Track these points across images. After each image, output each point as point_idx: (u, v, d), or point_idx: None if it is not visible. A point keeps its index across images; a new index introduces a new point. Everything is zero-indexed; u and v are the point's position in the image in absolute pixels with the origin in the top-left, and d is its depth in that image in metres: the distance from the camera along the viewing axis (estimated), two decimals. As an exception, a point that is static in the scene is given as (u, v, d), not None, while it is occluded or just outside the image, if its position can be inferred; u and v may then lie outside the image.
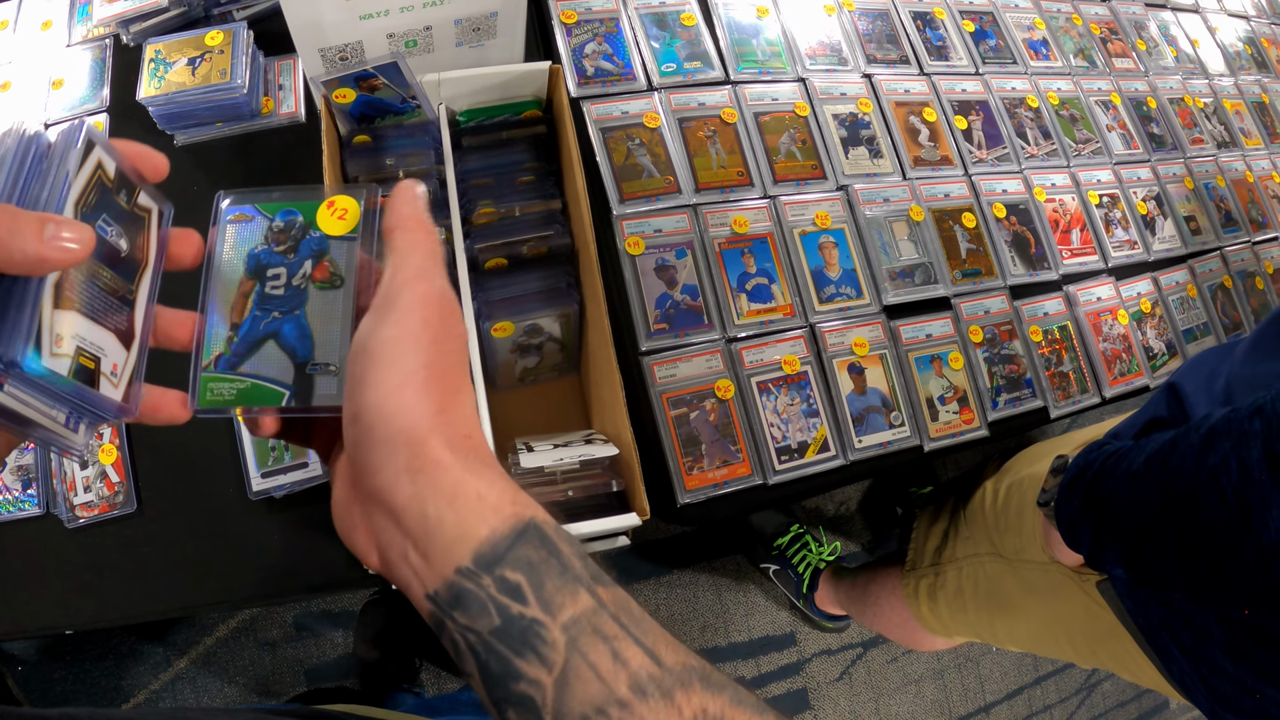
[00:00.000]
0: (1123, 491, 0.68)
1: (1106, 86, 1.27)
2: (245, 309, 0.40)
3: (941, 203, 1.08)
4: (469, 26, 0.93)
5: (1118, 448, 0.73)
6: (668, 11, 1.08)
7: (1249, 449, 0.57)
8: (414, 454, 0.33)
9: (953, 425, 0.98)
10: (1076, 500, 0.73)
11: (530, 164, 0.83)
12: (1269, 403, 0.58)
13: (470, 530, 0.33)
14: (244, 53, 0.94)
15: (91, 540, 0.85)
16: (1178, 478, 0.62)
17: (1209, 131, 1.30)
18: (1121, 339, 1.10)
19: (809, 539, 1.58)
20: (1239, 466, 0.57)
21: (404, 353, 0.35)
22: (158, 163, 0.39)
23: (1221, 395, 0.77)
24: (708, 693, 0.32)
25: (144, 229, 0.39)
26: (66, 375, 0.33)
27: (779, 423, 0.92)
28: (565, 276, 0.80)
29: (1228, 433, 0.60)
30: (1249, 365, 0.76)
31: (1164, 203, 1.21)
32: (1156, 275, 1.16)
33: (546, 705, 0.32)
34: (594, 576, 0.34)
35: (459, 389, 0.36)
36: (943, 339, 1.01)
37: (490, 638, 0.32)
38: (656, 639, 0.34)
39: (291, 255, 0.41)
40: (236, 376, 0.39)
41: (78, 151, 0.34)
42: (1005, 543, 0.96)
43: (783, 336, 0.95)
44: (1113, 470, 0.71)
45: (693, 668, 0.33)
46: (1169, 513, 0.63)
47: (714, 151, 1.01)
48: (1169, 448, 0.65)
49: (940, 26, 1.21)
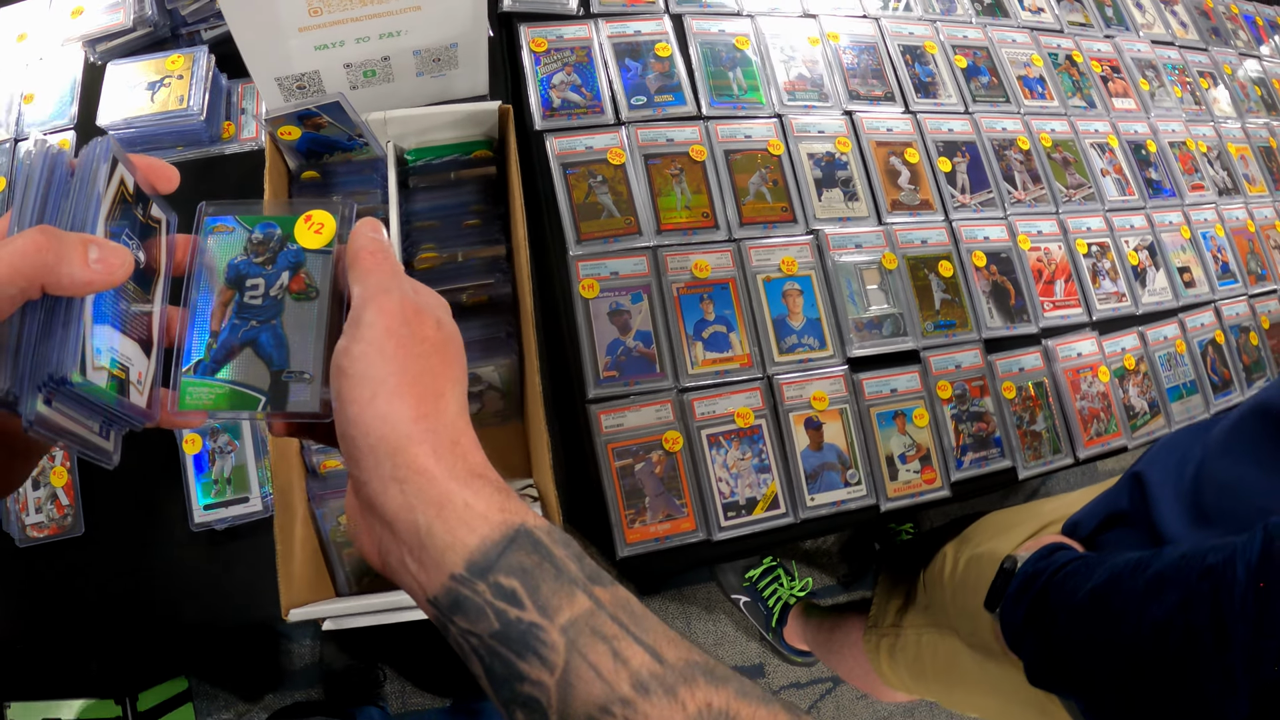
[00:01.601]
0: (1065, 621, 0.65)
1: (1104, 128, 1.22)
2: (225, 317, 0.42)
3: (918, 250, 1.04)
4: (429, 57, 0.91)
5: (1068, 560, 0.70)
6: (642, 41, 1.05)
7: (1196, 612, 0.54)
8: (397, 463, 0.35)
9: (913, 485, 0.95)
10: (1021, 612, 0.70)
11: (478, 206, 0.81)
12: (1220, 564, 0.54)
13: (460, 539, 0.34)
14: (203, 79, 0.93)
15: (39, 560, 0.85)
16: (1120, 622, 0.59)
17: (1211, 177, 1.25)
18: (1101, 397, 1.06)
19: (781, 572, 1.55)
20: (1184, 631, 0.54)
21: (372, 364, 0.36)
22: (170, 174, 0.41)
23: (1189, 490, 0.73)
24: (712, 687, 0.33)
25: (156, 239, 0.41)
26: (105, 387, 0.36)
27: (728, 477, 0.89)
28: (505, 326, 0.78)
29: (1175, 583, 0.57)
30: (1222, 463, 0.71)
31: (1157, 252, 1.17)
32: (1144, 330, 1.12)
33: (552, 705, 0.33)
34: (591, 577, 0.35)
35: (441, 393, 0.37)
36: (908, 394, 0.98)
37: (491, 641, 0.33)
38: (658, 636, 0.34)
39: (269, 266, 0.43)
40: (215, 382, 0.41)
41: (105, 170, 0.36)
42: (961, 623, 0.93)
43: (738, 388, 0.92)
44: (1060, 587, 0.68)
45: (696, 663, 0.34)
46: (1112, 657, 0.61)
47: (679, 191, 0.98)
48: (1113, 584, 0.62)
49: (930, 62, 1.17)
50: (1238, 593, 0.53)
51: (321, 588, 0.84)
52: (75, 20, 0.99)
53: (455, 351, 0.40)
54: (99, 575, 0.85)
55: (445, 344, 0.39)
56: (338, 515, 0.83)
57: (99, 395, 0.35)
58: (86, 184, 0.36)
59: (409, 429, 0.35)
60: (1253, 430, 0.69)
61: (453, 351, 0.39)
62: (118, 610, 0.85)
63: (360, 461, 0.35)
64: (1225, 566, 0.54)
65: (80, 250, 0.32)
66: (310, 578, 0.80)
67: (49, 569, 0.85)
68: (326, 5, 0.81)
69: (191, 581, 0.87)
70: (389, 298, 0.38)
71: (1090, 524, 0.83)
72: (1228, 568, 0.54)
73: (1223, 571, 0.54)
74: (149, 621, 0.85)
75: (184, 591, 0.86)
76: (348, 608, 0.75)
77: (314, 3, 0.80)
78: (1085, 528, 0.84)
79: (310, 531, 0.81)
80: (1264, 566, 0.52)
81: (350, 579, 0.86)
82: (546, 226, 0.94)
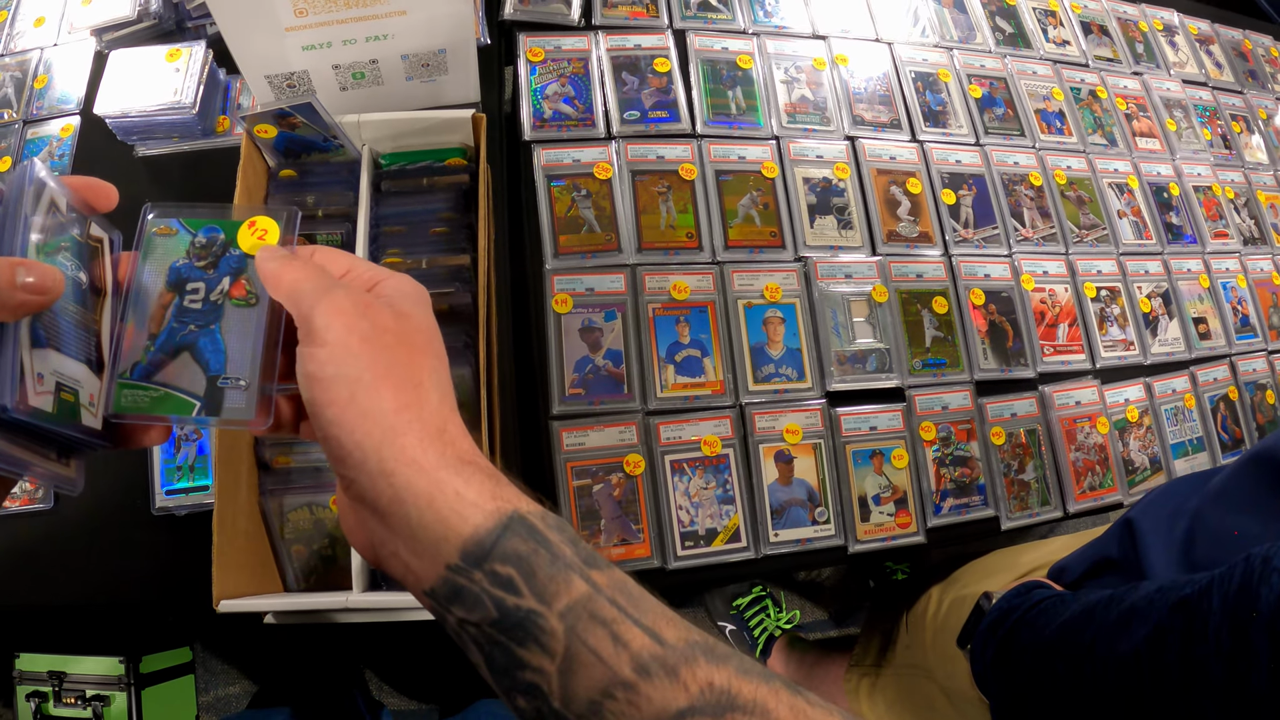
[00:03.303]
0: (1032, 659, 0.62)
1: (1125, 167, 1.17)
2: (164, 320, 0.42)
3: (912, 284, 1.01)
4: (417, 62, 0.91)
5: (1044, 597, 0.67)
6: (641, 55, 1.04)
7: (1166, 647, 0.51)
8: (384, 456, 0.34)
9: (885, 528, 0.91)
10: (991, 650, 0.67)
11: (447, 214, 0.80)
12: (1194, 595, 0.51)
13: (454, 528, 0.34)
14: (198, 73, 0.94)
15: (8, 528, 0.87)
16: (1088, 658, 0.56)
17: (1236, 225, 1.19)
18: (1098, 449, 1.01)
19: (769, 603, 1.52)
20: (1152, 668, 0.51)
21: (343, 364, 0.35)
22: (108, 193, 0.41)
23: (1181, 541, 0.69)
24: (713, 665, 0.33)
25: (99, 258, 0.41)
26: (52, 411, 0.35)
27: (688, 506, 0.87)
28: (463, 336, 0.77)
29: (1146, 616, 0.53)
30: (1217, 511, 0.68)
31: (1172, 300, 1.11)
32: (1150, 381, 1.06)
33: (553, 692, 0.33)
34: (587, 561, 0.34)
35: (419, 382, 0.37)
36: (889, 433, 0.94)
37: (490, 630, 0.33)
38: (657, 617, 0.34)
39: (211, 271, 0.42)
40: (151, 385, 0.40)
41: (30, 193, 0.36)
42: (938, 667, 0.89)
43: (707, 415, 0.89)
44: (1031, 625, 0.64)
45: (696, 643, 0.34)
46: (1078, 696, 0.57)
47: (665, 209, 0.96)
48: (1084, 618, 0.59)
49: (942, 90, 1.14)
50: (1212, 624, 0.49)
51: (268, 581, 0.83)
52: (85, 9, 1.01)
53: (424, 340, 0.39)
54: (60, 546, 0.86)
55: (410, 333, 0.38)
56: (288, 512, 0.83)
57: (47, 420, 0.35)
58: (14, 209, 0.36)
59: (392, 421, 0.35)
60: (1251, 478, 0.66)
61: (420, 340, 0.39)
62: (72, 582, 0.86)
63: (346, 460, 0.35)
64: (1200, 598, 0.51)
65: (8, 273, 0.32)
66: (254, 570, 0.80)
67: (14, 538, 0.86)
68: (312, 6, 0.81)
69: (145, 563, 0.88)
70: (334, 297, 0.37)
71: (1078, 569, 0.79)
72: (1202, 599, 0.50)
73: (1197, 603, 0.50)
74: (97, 595, 0.86)
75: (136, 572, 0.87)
76: (286, 604, 0.74)
77: (299, 4, 0.80)
78: (1072, 573, 0.80)
79: (258, 525, 0.81)
80: (1242, 599, 0.48)
81: (299, 576, 0.85)
82: (525, 238, 0.93)
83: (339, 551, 0.83)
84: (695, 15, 1.09)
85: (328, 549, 0.85)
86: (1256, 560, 0.48)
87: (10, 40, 1.08)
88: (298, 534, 0.84)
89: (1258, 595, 0.46)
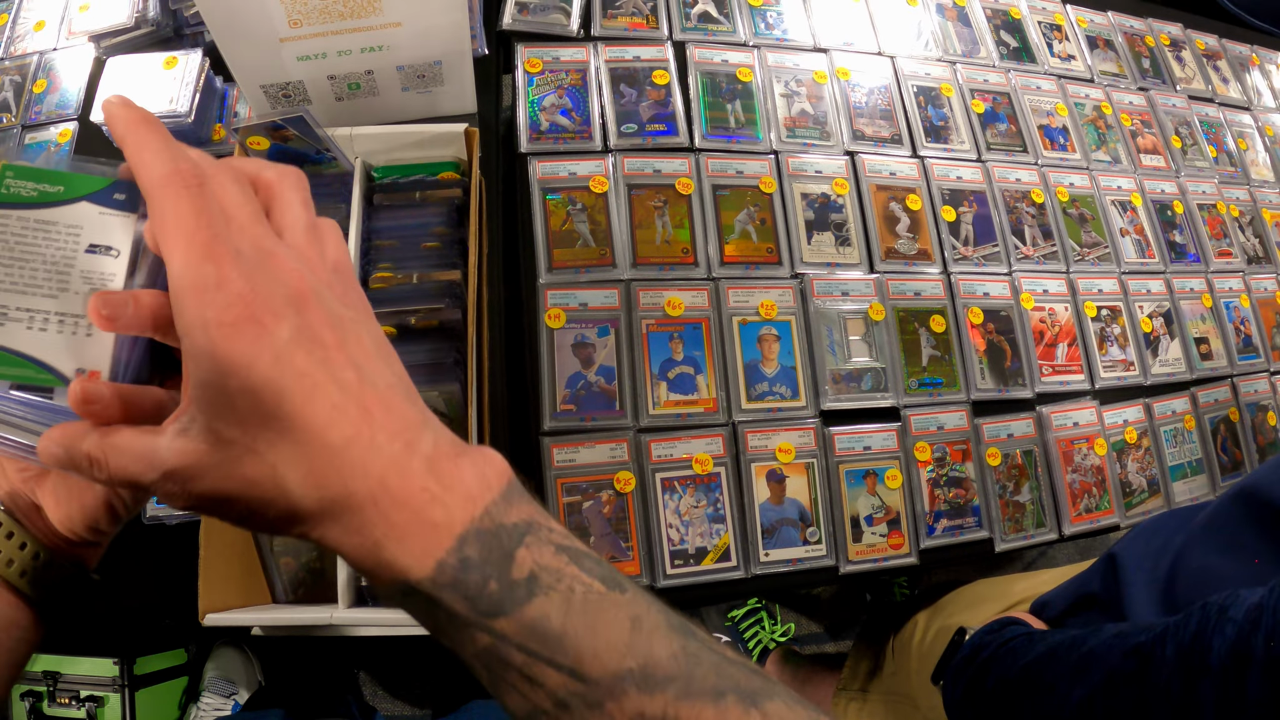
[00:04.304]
0: (997, 699, 0.61)
1: (1128, 185, 1.15)
2: None
3: (910, 302, 1.00)
4: (413, 73, 0.90)
5: (1015, 635, 0.66)
6: (640, 67, 1.03)
7: (1119, 695, 0.50)
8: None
9: (877, 549, 0.90)
10: (960, 688, 0.66)
11: (439, 229, 0.80)
12: (1149, 643, 0.50)
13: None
14: (194, 81, 0.93)
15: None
16: (1045, 703, 0.55)
17: (1240, 244, 1.18)
18: (1095, 471, 1.00)
19: (764, 615, 1.51)
20: (1105, 716, 0.50)
21: None
22: None
23: (1164, 578, 0.68)
24: (644, 695, 0.32)
25: None
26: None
27: (679, 524, 0.86)
28: (452, 352, 0.77)
29: (1102, 661, 0.52)
30: (1199, 549, 0.67)
31: (1173, 320, 1.10)
32: (1150, 402, 1.05)
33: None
34: (489, 611, 0.32)
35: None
36: (883, 453, 0.93)
37: None
38: (580, 653, 0.32)
39: None
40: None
41: None
42: (923, 697, 0.88)
43: (699, 433, 0.89)
44: (1001, 662, 0.64)
45: (627, 672, 0.32)
46: None
47: (660, 224, 0.96)
48: (1048, 658, 0.58)
49: (945, 105, 1.13)
50: (1164, 674, 0.48)
51: (257, 593, 0.83)
52: (83, 15, 1.01)
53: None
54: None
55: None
56: (276, 528, 0.83)
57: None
58: None
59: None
60: (1235, 515, 0.65)
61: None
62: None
63: None
64: (1154, 645, 0.50)
65: None
66: (242, 582, 0.80)
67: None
68: (307, 17, 0.80)
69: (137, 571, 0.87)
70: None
71: (1060, 605, 0.79)
72: (1156, 646, 0.50)
73: (1150, 650, 0.50)
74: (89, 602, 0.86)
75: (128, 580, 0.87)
76: (271, 618, 0.74)
77: (293, 14, 0.80)
78: (1054, 608, 0.79)
79: (246, 537, 0.81)
80: (1196, 648, 0.47)
81: (287, 588, 0.85)
82: (520, 252, 0.93)
83: (328, 564, 0.83)
84: (696, 27, 1.08)
85: (316, 562, 0.84)
86: (1213, 609, 0.47)
87: (10, 44, 1.08)
88: (286, 547, 0.84)
89: (1209, 646, 0.45)
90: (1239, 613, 0.46)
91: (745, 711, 0.32)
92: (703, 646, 0.34)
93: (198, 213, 0.30)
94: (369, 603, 0.77)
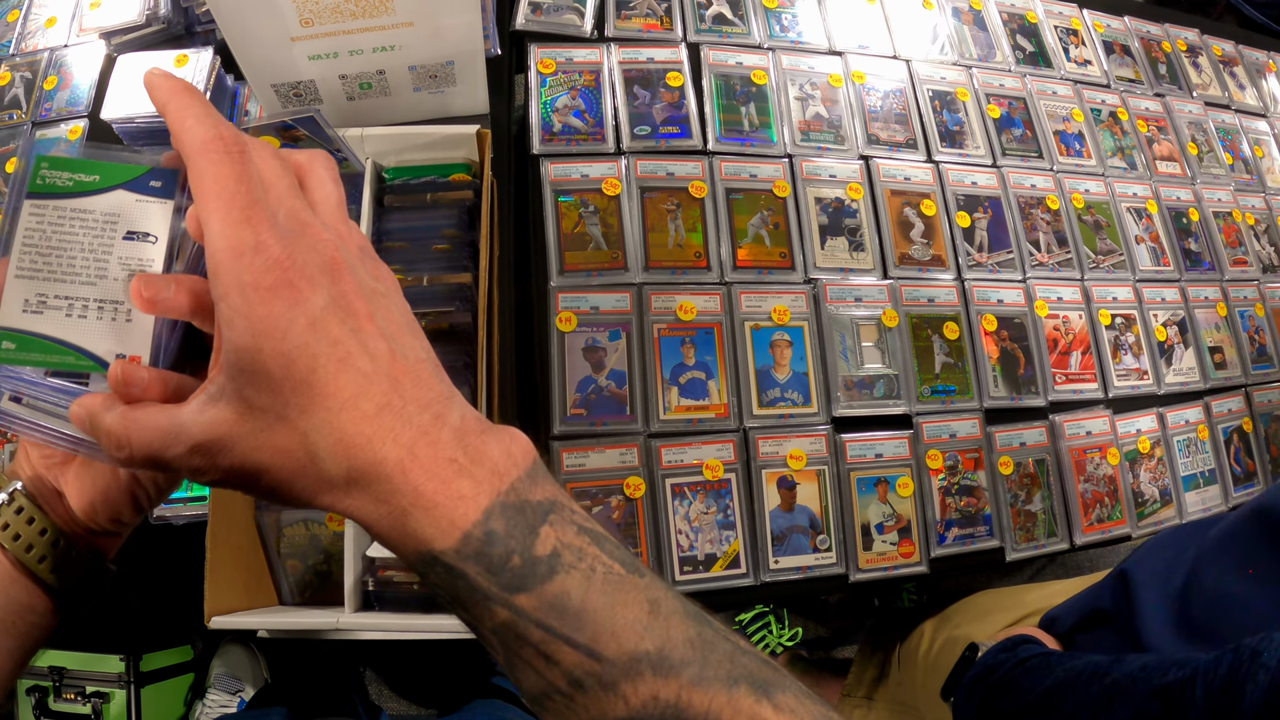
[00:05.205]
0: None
1: (1144, 192, 1.14)
2: None
3: (923, 308, 0.99)
4: (425, 73, 0.90)
5: (1030, 655, 0.65)
6: (654, 69, 1.03)
7: None
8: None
9: (887, 557, 0.90)
10: (973, 707, 0.66)
11: (450, 231, 0.79)
12: (1177, 683, 0.49)
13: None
14: (205, 79, 0.93)
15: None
16: None
17: (1255, 252, 1.17)
18: (1107, 481, 0.99)
19: (771, 619, 1.51)
20: None
21: None
22: None
23: (1177, 596, 0.67)
24: (659, 679, 0.31)
25: None
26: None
27: (688, 530, 0.86)
28: (462, 355, 0.76)
29: (1127, 697, 0.52)
30: (1215, 567, 0.66)
31: (1188, 329, 1.09)
32: (1163, 411, 1.04)
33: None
34: (511, 586, 0.32)
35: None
36: (894, 460, 0.92)
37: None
38: (598, 632, 0.32)
39: None
40: None
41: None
42: (928, 708, 0.87)
43: (710, 439, 0.88)
44: (1016, 684, 0.63)
45: (643, 654, 0.32)
46: None
47: (673, 228, 0.95)
48: (1068, 686, 0.57)
49: (960, 109, 1.12)
50: (1192, 716, 0.47)
51: (263, 595, 0.83)
52: (94, 11, 1.00)
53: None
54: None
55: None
56: (284, 527, 0.82)
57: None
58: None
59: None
60: (1250, 536, 0.64)
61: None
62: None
63: None
64: (1183, 687, 0.49)
65: None
66: (249, 585, 0.79)
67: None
68: (318, 16, 0.80)
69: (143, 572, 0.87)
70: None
71: (1069, 620, 0.78)
72: (1185, 688, 0.49)
73: (1179, 691, 0.49)
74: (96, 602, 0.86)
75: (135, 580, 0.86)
76: (276, 622, 0.74)
77: (305, 14, 0.79)
78: (1063, 624, 0.78)
79: (253, 539, 0.81)
80: (1227, 694, 0.46)
81: (294, 590, 0.85)
82: (531, 254, 0.92)
83: (334, 568, 0.83)
84: (710, 29, 1.07)
85: (323, 565, 0.84)
86: (1245, 652, 0.46)
87: (21, 40, 1.08)
88: (293, 549, 0.83)
89: (1242, 693, 0.45)
90: (1272, 659, 0.45)
91: (757, 701, 0.32)
92: (718, 635, 0.34)
93: (238, 178, 0.30)
94: (375, 606, 0.77)
